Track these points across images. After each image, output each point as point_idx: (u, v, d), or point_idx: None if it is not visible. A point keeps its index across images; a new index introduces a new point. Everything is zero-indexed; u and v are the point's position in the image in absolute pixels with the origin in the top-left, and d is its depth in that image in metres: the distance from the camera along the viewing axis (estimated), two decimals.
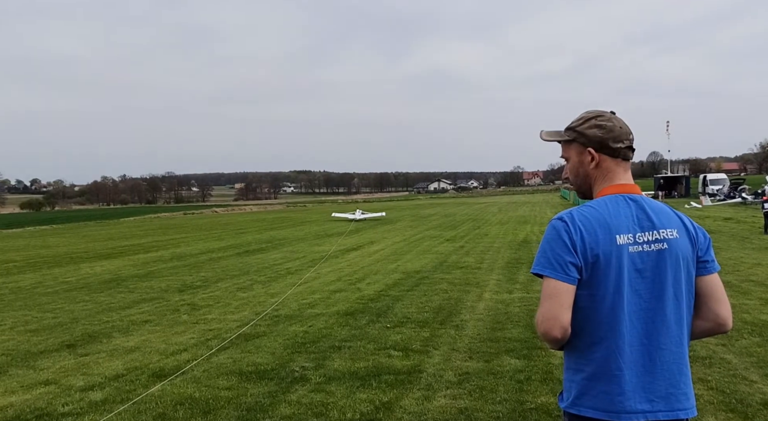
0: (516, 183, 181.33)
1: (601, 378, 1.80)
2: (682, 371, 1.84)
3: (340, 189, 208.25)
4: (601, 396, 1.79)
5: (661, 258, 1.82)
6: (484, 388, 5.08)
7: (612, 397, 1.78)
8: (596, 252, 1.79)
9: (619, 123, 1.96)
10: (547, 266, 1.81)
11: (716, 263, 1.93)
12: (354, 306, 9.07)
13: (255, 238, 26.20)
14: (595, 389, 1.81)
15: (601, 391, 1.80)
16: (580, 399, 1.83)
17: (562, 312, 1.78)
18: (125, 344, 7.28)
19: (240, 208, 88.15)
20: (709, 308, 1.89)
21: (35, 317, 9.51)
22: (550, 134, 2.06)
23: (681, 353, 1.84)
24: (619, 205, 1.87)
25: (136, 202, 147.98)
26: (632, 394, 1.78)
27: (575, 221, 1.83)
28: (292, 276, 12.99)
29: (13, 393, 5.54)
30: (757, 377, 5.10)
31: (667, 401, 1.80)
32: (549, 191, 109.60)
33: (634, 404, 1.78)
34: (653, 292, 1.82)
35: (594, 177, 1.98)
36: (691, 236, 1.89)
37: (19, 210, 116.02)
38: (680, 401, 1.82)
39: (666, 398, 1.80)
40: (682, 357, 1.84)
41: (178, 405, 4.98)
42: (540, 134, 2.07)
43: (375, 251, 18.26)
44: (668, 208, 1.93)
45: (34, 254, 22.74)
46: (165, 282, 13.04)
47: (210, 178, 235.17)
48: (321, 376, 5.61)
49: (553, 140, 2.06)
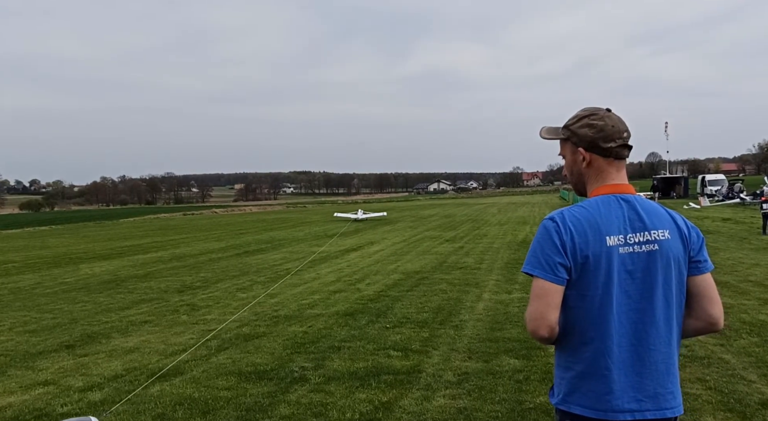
0: (515, 184, 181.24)
1: (589, 377, 1.82)
2: (669, 371, 1.85)
3: (340, 190, 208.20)
4: (590, 394, 1.82)
5: (652, 259, 1.83)
6: (483, 388, 5.09)
7: (600, 395, 1.80)
8: (586, 253, 1.80)
9: (612, 122, 1.92)
10: (537, 266, 1.84)
11: (709, 263, 1.93)
12: (354, 306, 9.08)
13: (255, 238, 26.19)
14: (584, 388, 1.83)
15: (590, 389, 1.82)
16: (570, 396, 1.86)
17: (549, 312, 1.80)
18: (124, 345, 7.28)
19: (240, 208, 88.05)
20: (701, 307, 1.90)
21: (34, 317, 9.51)
22: (549, 132, 2.06)
23: (669, 353, 1.85)
24: (611, 206, 1.87)
25: (136, 203, 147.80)
26: (620, 393, 1.80)
27: (566, 221, 1.84)
28: (292, 276, 12.99)
29: (12, 394, 5.54)
30: (755, 377, 5.11)
31: (655, 401, 1.82)
32: (548, 192, 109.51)
33: (622, 403, 1.80)
34: (643, 293, 1.82)
35: (587, 176, 1.98)
36: (683, 236, 1.88)
37: (18, 211, 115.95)
38: (667, 400, 1.84)
39: (654, 398, 1.82)
40: (670, 357, 1.86)
41: (177, 405, 4.98)
42: (540, 131, 2.07)
43: (375, 251, 18.26)
44: (661, 208, 1.93)
45: (33, 255, 22.73)
46: (164, 283, 13.04)
47: (209, 179, 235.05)
48: (320, 376, 5.62)
49: (551, 138, 2.06)
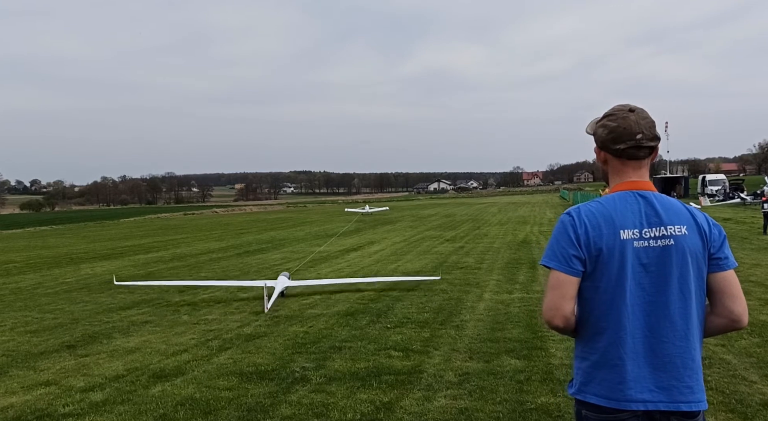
0: (515, 184, 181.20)
1: (603, 367, 1.88)
2: (686, 365, 1.88)
3: (340, 189, 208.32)
4: (604, 384, 1.88)
5: (667, 254, 1.86)
6: (485, 388, 5.09)
7: (614, 385, 1.86)
8: (599, 246, 1.86)
9: (627, 123, 1.93)
10: (553, 259, 1.91)
11: (731, 260, 1.94)
12: (354, 306, 9.08)
13: (255, 238, 26.20)
14: (598, 377, 1.89)
15: (604, 379, 1.88)
16: (586, 386, 1.92)
17: (564, 303, 1.87)
18: (125, 345, 7.29)
19: (240, 208, 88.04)
20: (723, 304, 1.92)
21: (35, 317, 9.51)
22: (589, 126, 2.10)
23: (686, 347, 1.88)
24: (627, 201, 1.91)
25: (136, 203, 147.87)
26: (633, 383, 1.85)
27: (581, 215, 1.91)
28: (293, 276, 12.98)
29: (13, 394, 5.54)
30: (756, 378, 5.11)
31: (668, 393, 1.85)
32: (549, 192, 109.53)
33: (635, 393, 1.85)
34: (658, 286, 1.86)
35: (607, 172, 2.04)
36: (702, 233, 1.90)
37: (19, 211, 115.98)
38: (683, 393, 1.87)
39: (667, 390, 1.86)
40: (687, 351, 1.88)
41: (178, 406, 4.99)
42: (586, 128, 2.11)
43: (375, 251, 18.26)
44: (681, 204, 1.95)
45: (34, 255, 22.74)
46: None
47: (210, 179, 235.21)
48: (321, 376, 5.62)
49: (588, 133, 2.11)
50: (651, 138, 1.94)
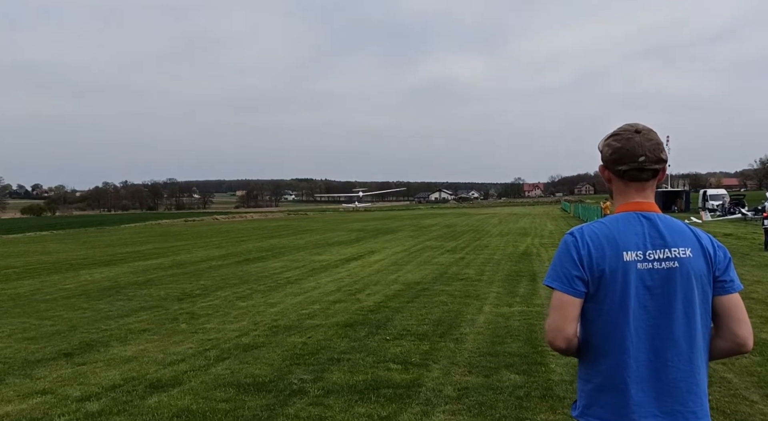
0: (517, 195, 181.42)
1: (607, 390, 1.86)
2: (691, 390, 1.85)
3: (341, 197, 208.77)
4: (607, 407, 1.86)
5: (671, 276, 1.84)
6: (483, 404, 5.05)
7: (617, 409, 1.84)
8: (602, 267, 1.84)
9: (630, 144, 1.91)
10: (556, 279, 1.89)
11: (736, 283, 1.91)
12: (353, 317, 9.04)
13: (255, 246, 26.16)
14: (602, 400, 1.87)
15: (607, 402, 1.86)
16: (589, 409, 1.90)
17: (566, 324, 1.86)
18: (123, 354, 7.25)
19: (241, 215, 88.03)
20: (728, 327, 1.90)
21: (33, 324, 9.48)
22: (600, 143, 2.07)
23: (691, 371, 1.86)
24: (630, 222, 1.90)
25: (137, 209, 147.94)
26: (636, 407, 1.82)
27: (584, 236, 1.89)
28: (292, 285, 12.96)
29: (9, 402, 5.50)
30: (757, 397, 5.07)
31: (672, 418, 1.83)
32: (550, 203, 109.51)
33: (638, 417, 1.82)
34: (662, 309, 1.84)
35: (612, 191, 2.04)
36: (707, 255, 1.88)
37: (19, 215, 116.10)
38: (687, 419, 1.84)
39: (671, 415, 1.83)
40: (692, 375, 1.86)
41: (174, 417, 4.95)
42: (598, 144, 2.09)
43: (375, 260, 18.22)
44: (686, 227, 1.94)
45: (33, 260, 22.70)
46: (164, 290, 13.00)
47: (211, 186, 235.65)
48: (319, 389, 5.58)
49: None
50: (655, 160, 1.91)
